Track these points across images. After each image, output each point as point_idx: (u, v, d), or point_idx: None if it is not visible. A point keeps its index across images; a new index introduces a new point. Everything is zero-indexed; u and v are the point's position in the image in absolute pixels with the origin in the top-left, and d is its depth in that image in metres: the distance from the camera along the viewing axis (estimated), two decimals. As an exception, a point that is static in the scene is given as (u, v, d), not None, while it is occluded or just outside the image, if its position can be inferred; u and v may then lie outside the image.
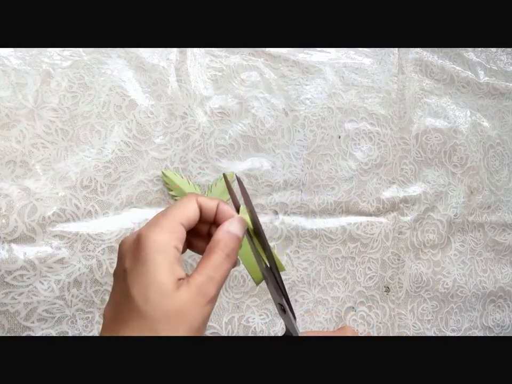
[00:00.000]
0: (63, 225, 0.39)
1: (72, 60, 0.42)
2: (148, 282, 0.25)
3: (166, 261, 0.26)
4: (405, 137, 0.56)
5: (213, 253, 0.27)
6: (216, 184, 0.45)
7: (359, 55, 0.56)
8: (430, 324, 0.54)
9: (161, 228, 0.27)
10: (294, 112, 0.50)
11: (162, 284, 0.25)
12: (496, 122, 0.62)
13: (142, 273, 0.25)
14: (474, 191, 0.59)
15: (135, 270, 0.25)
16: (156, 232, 0.26)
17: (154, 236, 0.26)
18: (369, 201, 0.53)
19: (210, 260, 0.27)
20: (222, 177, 0.46)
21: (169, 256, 0.26)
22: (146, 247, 0.25)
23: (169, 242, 0.26)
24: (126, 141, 0.43)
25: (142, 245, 0.26)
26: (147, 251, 0.25)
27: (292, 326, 0.32)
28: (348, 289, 0.50)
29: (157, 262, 0.25)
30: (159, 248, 0.26)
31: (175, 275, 0.26)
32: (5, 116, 0.39)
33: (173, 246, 0.26)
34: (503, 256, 0.60)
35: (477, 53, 0.64)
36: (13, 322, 0.37)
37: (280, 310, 0.32)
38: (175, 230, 0.27)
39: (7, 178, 0.38)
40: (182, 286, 0.26)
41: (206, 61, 0.48)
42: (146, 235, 0.26)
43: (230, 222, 0.29)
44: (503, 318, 0.59)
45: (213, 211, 0.30)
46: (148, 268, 0.25)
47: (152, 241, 0.26)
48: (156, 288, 0.25)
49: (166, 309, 0.25)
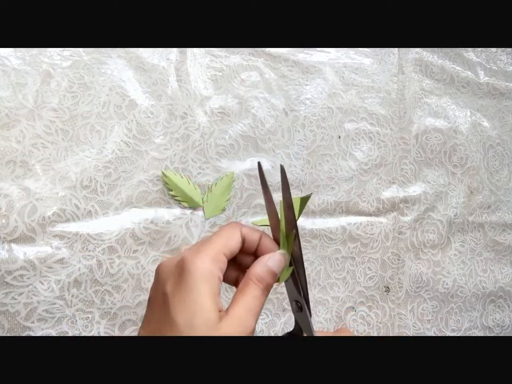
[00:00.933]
0: (63, 225, 0.39)
1: (72, 59, 0.42)
2: (193, 311, 0.24)
3: (210, 290, 0.25)
4: (405, 137, 0.56)
5: (251, 287, 0.27)
6: (216, 184, 0.45)
7: (359, 55, 0.56)
8: (430, 324, 0.54)
9: (206, 255, 0.26)
10: (294, 112, 0.50)
11: (207, 314, 0.25)
12: (496, 122, 0.62)
13: (187, 300, 0.25)
14: (474, 191, 0.59)
15: (178, 296, 0.25)
16: (201, 260, 0.26)
17: (199, 263, 0.25)
18: (369, 201, 0.53)
19: (249, 292, 0.27)
20: (223, 177, 0.46)
21: (213, 285, 0.25)
22: (192, 273, 0.25)
23: (214, 271, 0.26)
24: (126, 141, 0.43)
25: (187, 271, 0.25)
26: (193, 278, 0.25)
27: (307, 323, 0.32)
28: (348, 289, 0.50)
29: (202, 291, 0.25)
30: (204, 277, 0.25)
31: (217, 306, 0.26)
32: (5, 116, 0.39)
33: (217, 275, 0.26)
34: (503, 256, 0.60)
35: (477, 53, 0.64)
36: (13, 322, 0.37)
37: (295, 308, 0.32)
38: (218, 259, 0.26)
39: (7, 178, 0.38)
40: (226, 319, 0.25)
41: (206, 61, 0.48)
42: (192, 261, 0.25)
43: (270, 256, 0.28)
44: (503, 318, 0.59)
45: (256, 243, 0.29)
46: (193, 296, 0.25)
47: (198, 269, 0.25)
48: (202, 317, 0.25)
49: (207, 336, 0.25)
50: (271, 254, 0.29)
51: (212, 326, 0.25)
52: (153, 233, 0.42)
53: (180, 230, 0.44)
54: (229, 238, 0.28)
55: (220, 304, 0.26)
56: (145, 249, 0.42)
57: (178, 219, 0.44)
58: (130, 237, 0.42)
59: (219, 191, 0.45)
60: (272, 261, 0.28)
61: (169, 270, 0.27)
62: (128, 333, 0.41)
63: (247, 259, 0.30)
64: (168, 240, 0.43)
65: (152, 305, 0.27)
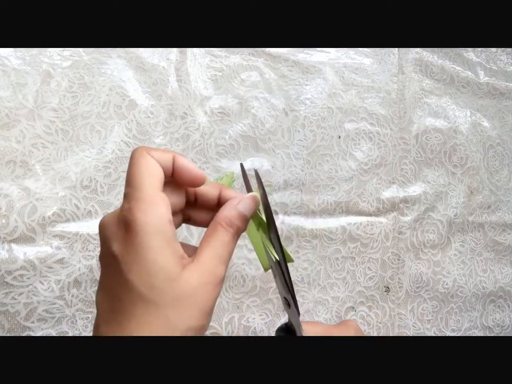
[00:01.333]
0: (63, 225, 0.39)
1: (72, 59, 0.42)
2: (148, 269, 0.22)
3: (164, 241, 0.22)
4: (405, 137, 0.56)
5: (220, 232, 0.25)
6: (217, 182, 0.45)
7: (359, 55, 0.56)
8: (430, 324, 0.54)
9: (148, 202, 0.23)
10: (294, 112, 0.50)
11: (166, 269, 0.22)
12: (496, 122, 0.62)
13: (139, 259, 0.22)
14: (474, 191, 0.59)
15: (128, 256, 0.22)
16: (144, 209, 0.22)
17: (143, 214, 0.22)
18: (369, 201, 0.53)
19: (217, 238, 0.25)
20: (223, 176, 0.46)
21: (166, 234, 0.23)
22: (138, 228, 0.22)
23: (163, 218, 0.23)
24: (126, 141, 0.43)
25: (132, 227, 0.22)
26: (139, 233, 0.22)
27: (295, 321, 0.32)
28: (348, 289, 0.50)
29: (154, 245, 0.22)
30: (153, 228, 0.22)
31: (176, 255, 0.23)
32: (5, 116, 0.39)
33: (168, 221, 0.23)
34: (503, 256, 0.60)
35: (477, 53, 0.64)
36: (13, 322, 0.37)
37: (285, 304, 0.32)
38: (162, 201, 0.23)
39: (7, 178, 0.38)
40: (189, 267, 0.23)
41: (206, 61, 0.48)
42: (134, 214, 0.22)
43: (239, 200, 0.26)
44: (503, 318, 0.59)
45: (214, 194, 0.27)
46: (145, 253, 0.22)
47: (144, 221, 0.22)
48: (160, 274, 0.22)
49: (175, 293, 0.22)
50: (241, 196, 0.27)
51: (174, 279, 0.22)
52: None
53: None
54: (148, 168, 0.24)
55: (180, 250, 0.24)
56: (145, 249, 0.42)
57: (178, 219, 0.44)
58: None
59: None
60: (243, 203, 0.26)
61: (113, 226, 0.23)
62: (128, 333, 0.41)
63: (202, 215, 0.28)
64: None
65: (104, 269, 0.25)
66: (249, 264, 0.46)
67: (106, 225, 0.24)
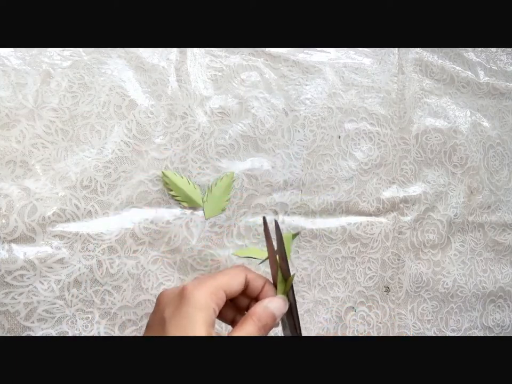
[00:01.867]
0: (63, 225, 0.39)
1: (72, 59, 0.42)
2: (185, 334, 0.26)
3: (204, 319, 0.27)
4: (405, 137, 0.56)
5: (247, 323, 0.29)
6: (216, 183, 0.45)
7: (359, 55, 0.56)
8: (430, 324, 0.54)
9: (205, 287, 0.28)
10: (294, 112, 0.50)
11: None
12: (496, 122, 0.62)
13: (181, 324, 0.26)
14: (474, 191, 0.59)
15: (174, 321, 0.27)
16: (200, 290, 0.28)
17: (198, 293, 0.27)
18: (369, 201, 0.53)
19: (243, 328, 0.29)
20: (223, 176, 0.46)
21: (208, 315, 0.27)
22: (190, 301, 0.27)
23: (210, 303, 0.27)
24: (126, 141, 0.43)
25: (186, 299, 0.27)
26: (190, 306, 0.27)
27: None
28: (348, 289, 0.50)
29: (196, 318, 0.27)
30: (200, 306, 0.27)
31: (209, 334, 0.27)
32: (5, 116, 0.39)
33: (213, 307, 0.28)
34: (503, 256, 0.60)
35: (477, 53, 0.64)
36: (13, 322, 0.37)
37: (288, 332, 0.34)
38: (217, 294, 0.28)
39: (7, 178, 0.38)
40: None
41: (206, 61, 0.48)
42: (191, 290, 0.28)
43: (270, 299, 0.30)
44: (503, 318, 0.59)
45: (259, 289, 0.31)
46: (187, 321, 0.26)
47: (196, 298, 0.27)
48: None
49: None
50: (272, 297, 0.31)
51: None
52: (153, 233, 0.42)
53: (180, 230, 0.44)
54: (232, 278, 0.30)
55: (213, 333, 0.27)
56: (145, 249, 0.42)
57: (178, 219, 0.44)
58: (130, 237, 0.42)
59: (219, 191, 0.45)
60: (273, 303, 0.30)
61: (170, 297, 0.28)
62: (128, 333, 0.41)
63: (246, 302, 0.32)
64: (168, 240, 0.43)
65: (150, 329, 0.29)
66: (249, 264, 0.46)
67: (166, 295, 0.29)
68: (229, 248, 0.45)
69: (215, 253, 0.45)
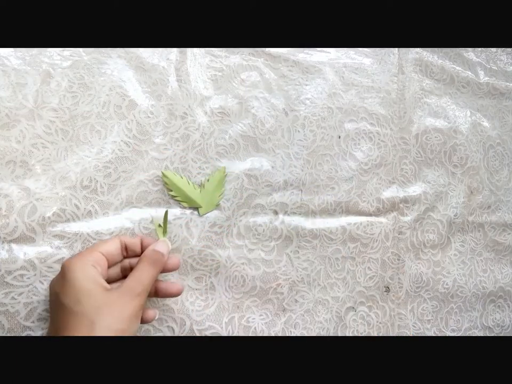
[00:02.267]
0: (63, 225, 0.39)
1: (72, 59, 0.42)
2: (76, 291, 0.30)
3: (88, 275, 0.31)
4: (405, 137, 0.56)
5: (140, 264, 0.35)
6: (208, 179, 0.45)
7: (359, 55, 0.56)
8: (430, 324, 0.54)
9: (79, 255, 0.33)
10: (294, 112, 0.50)
11: (89, 289, 0.31)
12: (496, 122, 0.62)
13: (70, 289, 0.30)
14: (474, 191, 0.59)
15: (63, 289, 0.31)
16: (74, 259, 0.32)
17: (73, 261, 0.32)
18: (369, 201, 0.53)
19: (136, 268, 0.34)
20: (215, 173, 0.46)
21: (90, 272, 0.32)
22: (69, 270, 0.31)
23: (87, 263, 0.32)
24: (126, 141, 0.43)
25: (65, 270, 0.31)
26: (70, 273, 0.31)
27: None
28: (348, 289, 0.50)
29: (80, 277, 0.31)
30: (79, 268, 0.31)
31: (100, 283, 0.31)
32: (5, 116, 0.39)
33: (91, 265, 0.32)
34: (503, 256, 0.60)
35: (477, 53, 0.64)
36: (13, 322, 0.37)
37: None
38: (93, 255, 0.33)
39: (7, 178, 0.38)
40: (112, 290, 0.32)
41: (206, 61, 0.48)
42: (67, 263, 0.32)
43: (155, 243, 0.37)
44: (503, 318, 0.59)
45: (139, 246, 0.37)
46: (73, 283, 0.31)
47: (73, 265, 0.32)
48: (84, 292, 0.30)
49: (97, 305, 0.30)
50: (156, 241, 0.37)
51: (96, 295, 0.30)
52: (153, 233, 0.42)
53: (180, 230, 0.44)
54: (106, 242, 0.35)
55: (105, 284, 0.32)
56: (145, 249, 0.42)
57: (178, 219, 0.44)
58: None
59: (212, 187, 0.45)
60: (157, 244, 0.36)
61: (56, 279, 0.33)
62: (128, 333, 0.41)
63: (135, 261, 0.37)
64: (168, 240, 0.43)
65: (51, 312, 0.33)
66: (249, 264, 0.46)
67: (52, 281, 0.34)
68: (229, 248, 0.45)
69: (215, 253, 0.45)
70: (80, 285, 0.30)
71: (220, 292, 0.44)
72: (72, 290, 0.30)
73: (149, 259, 0.35)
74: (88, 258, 0.32)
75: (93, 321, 0.29)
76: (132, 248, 0.37)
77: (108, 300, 0.30)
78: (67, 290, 0.30)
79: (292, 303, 0.47)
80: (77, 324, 0.29)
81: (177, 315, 0.42)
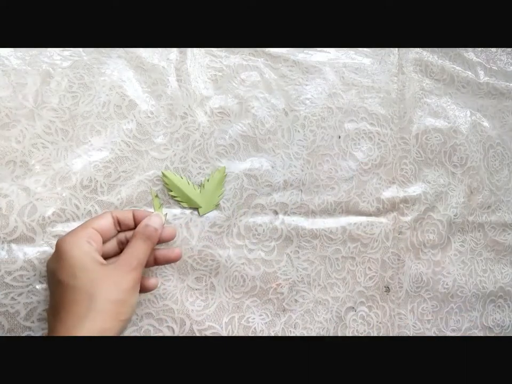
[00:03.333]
0: (63, 225, 0.39)
1: (72, 59, 0.42)
2: (72, 266, 0.30)
3: (83, 251, 0.31)
4: (405, 137, 0.56)
5: (133, 240, 0.34)
6: (208, 180, 0.45)
7: (359, 55, 0.56)
8: (430, 324, 0.54)
9: (72, 232, 0.33)
10: (294, 112, 0.50)
11: (85, 263, 0.31)
12: (496, 122, 0.62)
13: (66, 265, 0.31)
14: (474, 191, 0.59)
15: (59, 266, 0.31)
16: (68, 236, 0.32)
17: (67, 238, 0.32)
18: (369, 201, 0.53)
19: (130, 244, 0.34)
20: (215, 173, 0.46)
21: (85, 248, 0.32)
22: (64, 247, 0.31)
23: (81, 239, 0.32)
24: (126, 141, 0.43)
25: (60, 248, 0.31)
26: (65, 250, 0.31)
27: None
28: (348, 289, 0.50)
29: (75, 253, 0.31)
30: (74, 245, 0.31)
31: (96, 259, 0.31)
32: (5, 116, 0.39)
33: (85, 241, 0.32)
34: (503, 256, 0.60)
35: (477, 53, 0.64)
36: (13, 323, 0.37)
37: None
38: (86, 231, 0.33)
39: (7, 178, 0.38)
40: (107, 264, 0.32)
41: (206, 61, 0.48)
42: (61, 241, 0.32)
43: (148, 218, 0.36)
44: (503, 318, 0.59)
45: (131, 220, 0.37)
46: (69, 259, 0.31)
47: (67, 242, 0.31)
48: (80, 267, 0.30)
49: (93, 277, 0.30)
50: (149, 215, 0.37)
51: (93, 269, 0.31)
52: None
53: (180, 230, 0.44)
54: (97, 217, 0.35)
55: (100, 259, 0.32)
56: (145, 249, 0.42)
57: (178, 219, 0.44)
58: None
59: (212, 187, 0.45)
60: (150, 219, 0.36)
61: (52, 257, 0.33)
62: (128, 333, 0.41)
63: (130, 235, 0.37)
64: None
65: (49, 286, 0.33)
66: (249, 264, 0.46)
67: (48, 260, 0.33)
68: (229, 248, 0.45)
69: (215, 253, 0.45)
70: (76, 261, 0.30)
71: (220, 292, 0.44)
72: (68, 266, 0.30)
73: (142, 235, 0.35)
74: (82, 234, 0.33)
75: (91, 293, 0.29)
76: (125, 222, 0.37)
77: (104, 273, 0.31)
78: (63, 266, 0.31)
79: (292, 303, 0.47)
80: (76, 298, 0.29)
81: (177, 315, 0.42)
